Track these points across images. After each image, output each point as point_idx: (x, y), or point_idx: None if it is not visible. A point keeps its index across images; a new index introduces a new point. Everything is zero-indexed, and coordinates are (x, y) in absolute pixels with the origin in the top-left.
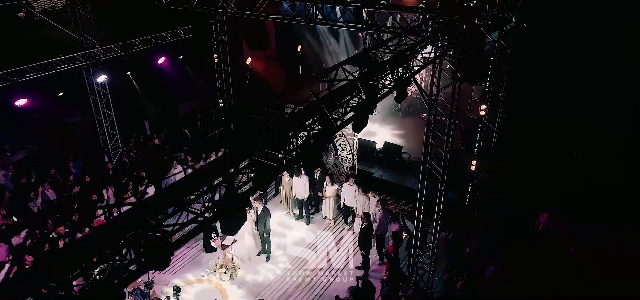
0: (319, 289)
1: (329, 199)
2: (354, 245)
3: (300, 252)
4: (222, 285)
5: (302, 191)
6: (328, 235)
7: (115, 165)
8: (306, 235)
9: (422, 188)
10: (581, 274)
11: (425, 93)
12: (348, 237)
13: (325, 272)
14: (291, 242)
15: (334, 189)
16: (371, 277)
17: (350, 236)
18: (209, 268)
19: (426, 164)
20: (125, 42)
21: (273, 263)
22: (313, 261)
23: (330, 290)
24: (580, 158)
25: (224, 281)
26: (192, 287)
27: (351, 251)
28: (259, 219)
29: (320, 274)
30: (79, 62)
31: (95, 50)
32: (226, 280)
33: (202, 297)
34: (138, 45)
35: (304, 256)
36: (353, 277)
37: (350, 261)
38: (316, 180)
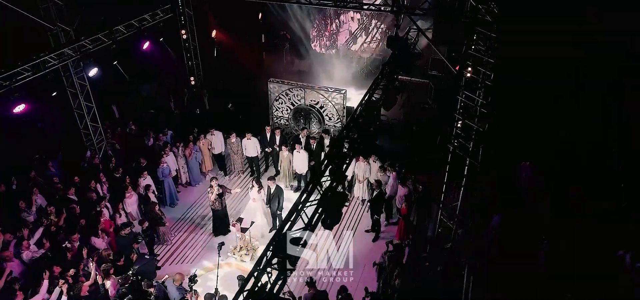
0: (339, 253)
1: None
2: (358, 210)
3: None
4: (244, 267)
5: (301, 166)
6: None
7: (102, 159)
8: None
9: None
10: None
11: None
12: (349, 203)
13: (339, 237)
14: None
15: None
16: (382, 238)
17: (354, 201)
18: (229, 252)
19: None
20: (111, 29)
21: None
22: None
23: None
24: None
25: (245, 262)
26: (213, 274)
27: (357, 215)
28: (272, 197)
29: (334, 239)
30: (70, 56)
31: (83, 42)
32: (247, 261)
33: (228, 281)
34: (123, 32)
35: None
36: (365, 238)
37: (360, 224)
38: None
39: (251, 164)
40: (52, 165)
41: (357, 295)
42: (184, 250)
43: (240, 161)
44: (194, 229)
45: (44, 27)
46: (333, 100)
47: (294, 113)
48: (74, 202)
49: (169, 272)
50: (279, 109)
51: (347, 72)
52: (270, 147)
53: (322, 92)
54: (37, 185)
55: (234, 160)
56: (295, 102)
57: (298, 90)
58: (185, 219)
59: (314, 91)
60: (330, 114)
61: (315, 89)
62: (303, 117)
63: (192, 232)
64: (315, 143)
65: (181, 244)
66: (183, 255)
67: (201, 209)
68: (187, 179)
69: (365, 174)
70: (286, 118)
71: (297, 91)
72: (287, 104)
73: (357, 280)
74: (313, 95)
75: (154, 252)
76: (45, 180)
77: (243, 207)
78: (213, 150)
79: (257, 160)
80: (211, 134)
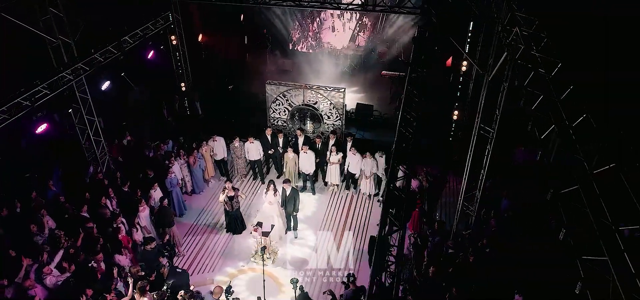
0: (357, 245)
1: (334, 166)
2: (365, 204)
3: (321, 221)
4: (268, 271)
5: (308, 166)
6: (337, 200)
7: (106, 174)
8: (318, 204)
9: (472, 146)
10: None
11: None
12: (356, 198)
13: (354, 230)
14: (308, 213)
15: (339, 157)
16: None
17: (360, 197)
18: (251, 258)
19: (476, 126)
20: (120, 40)
21: (302, 237)
22: (336, 225)
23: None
24: None
25: (267, 266)
26: (238, 280)
27: (366, 209)
28: (288, 199)
29: (350, 233)
30: (84, 71)
31: (94, 55)
32: (269, 264)
33: (255, 286)
34: (130, 42)
35: (326, 223)
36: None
37: (371, 218)
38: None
39: (253, 167)
40: (53, 184)
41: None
42: (202, 258)
43: (244, 165)
44: (208, 236)
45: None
46: (333, 99)
47: (292, 114)
48: (88, 220)
49: (193, 282)
50: (276, 111)
51: (335, 70)
52: (273, 149)
53: (321, 91)
54: (43, 206)
55: (237, 164)
56: (293, 103)
57: (296, 91)
58: (198, 227)
59: (313, 91)
60: (329, 113)
61: (314, 89)
62: (298, 117)
63: (207, 239)
64: (321, 142)
65: (198, 252)
66: (203, 264)
67: (211, 215)
68: (191, 187)
69: (372, 169)
70: (284, 120)
71: (295, 92)
72: (284, 105)
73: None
74: (310, 95)
75: (173, 263)
76: (50, 200)
77: (253, 209)
78: (215, 156)
79: (259, 163)
80: (213, 140)
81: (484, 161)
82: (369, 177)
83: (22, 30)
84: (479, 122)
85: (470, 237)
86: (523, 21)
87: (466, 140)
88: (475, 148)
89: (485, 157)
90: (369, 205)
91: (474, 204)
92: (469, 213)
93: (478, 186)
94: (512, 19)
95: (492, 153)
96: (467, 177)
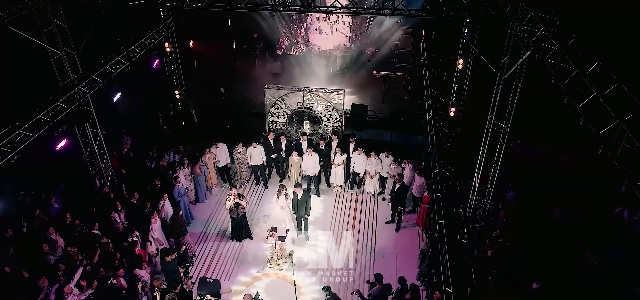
0: (370, 245)
1: (339, 167)
2: (370, 203)
3: (330, 222)
4: (285, 275)
5: (312, 168)
6: (343, 200)
7: (111, 187)
8: (324, 206)
9: (486, 141)
10: None
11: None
12: (361, 198)
13: (364, 229)
14: (317, 215)
15: (343, 158)
16: (404, 228)
17: (365, 196)
18: (268, 263)
19: (492, 124)
20: (128, 50)
21: (314, 238)
22: (346, 225)
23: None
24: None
25: (283, 270)
26: (254, 288)
27: (372, 208)
28: (300, 203)
29: (360, 232)
30: (98, 83)
31: (107, 67)
32: (285, 269)
33: (275, 291)
34: (137, 51)
35: (335, 224)
36: (387, 229)
37: (378, 217)
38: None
39: (256, 172)
40: (55, 201)
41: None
42: (216, 266)
43: (247, 171)
44: (218, 244)
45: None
46: (333, 101)
47: (291, 117)
48: (99, 236)
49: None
50: (275, 115)
51: (325, 72)
52: (276, 153)
53: (320, 93)
54: (49, 224)
55: (240, 170)
56: (289, 106)
57: (295, 94)
58: (207, 236)
59: (312, 93)
60: (328, 114)
61: (313, 92)
62: (297, 120)
63: (218, 247)
64: (325, 144)
65: (211, 261)
66: (218, 272)
67: (219, 223)
68: (195, 196)
69: (376, 168)
70: (283, 123)
71: (294, 96)
72: (283, 109)
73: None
74: (309, 97)
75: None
76: (55, 218)
77: (259, 215)
78: (218, 163)
79: (262, 168)
80: (216, 147)
81: (496, 156)
82: (374, 176)
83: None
84: (493, 118)
85: (482, 230)
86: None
87: (464, 137)
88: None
89: (497, 152)
90: (374, 204)
91: (485, 197)
92: (482, 207)
93: (490, 180)
94: (532, 19)
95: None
96: (480, 171)
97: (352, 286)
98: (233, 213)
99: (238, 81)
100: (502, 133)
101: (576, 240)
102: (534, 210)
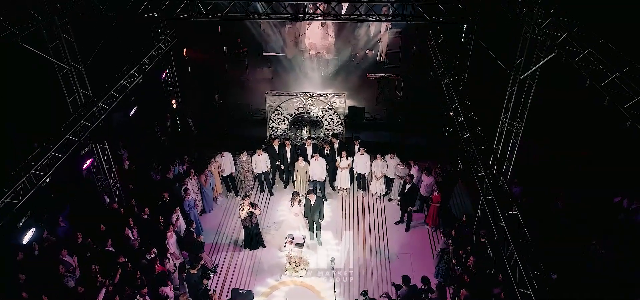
0: (383, 246)
1: (344, 171)
2: (376, 205)
3: (339, 225)
4: (303, 281)
5: (319, 173)
6: (349, 203)
7: (120, 203)
8: (332, 209)
9: (500, 138)
10: None
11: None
12: (367, 199)
13: (374, 229)
14: (326, 218)
15: (349, 161)
16: (413, 228)
17: (371, 198)
18: (286, 271)
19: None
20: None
21: (326, 243)
22: (356, 227)
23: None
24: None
25: (301, 277)
26: (272, 298)
27: (379, 209)
28: (314, 209)
29: (371, 232)
30: (115, 98)
31: (123, 81)
32: (303, 275)
33: (299, 297)
34: (147, 64)
35: (345, 226)
36: (397, 229)
37: (387, 217)
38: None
39: (260, 179)
40: (62, 220)
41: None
42: (233, 276)
43: (252, 178)
44: (232, 254)
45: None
46: (334, 105)
47: (291, 122)
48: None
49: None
50: (275, 121)
51: (315, 75)
52: (280, 159)
53: (322, 98)
54: (61, 245)
55: (245, 178)
56: (292, 112)
57: (297, 100)
58: (219, 246)
59: (314, 98)
60: (329, 118)
61: (315, 97)
62: (296, 126)
63: (232, 257)
64: (329, 148)
65: (227, 271)
66: (236, 282)
67: (229, 233)
68: (201, 207)
69: (382, 170)
70: (283, 129)
71: (296, 101)
72: (284, 114)
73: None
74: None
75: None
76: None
77: (269, 222)
78: (223, 172)
79: (267, 175)
80: (221, 156)
81: (507, 154)
82: (380, 178)
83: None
84: (508, 118)
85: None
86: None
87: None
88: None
89: (509, 151)
90: (381, 206)
91: None
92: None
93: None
94: (552, 22)
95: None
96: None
97: (372, 289)
98: (247, 222)
99: (231, 88)
100: (514, 132)
101: (580, 228)
102: (538, 205)
